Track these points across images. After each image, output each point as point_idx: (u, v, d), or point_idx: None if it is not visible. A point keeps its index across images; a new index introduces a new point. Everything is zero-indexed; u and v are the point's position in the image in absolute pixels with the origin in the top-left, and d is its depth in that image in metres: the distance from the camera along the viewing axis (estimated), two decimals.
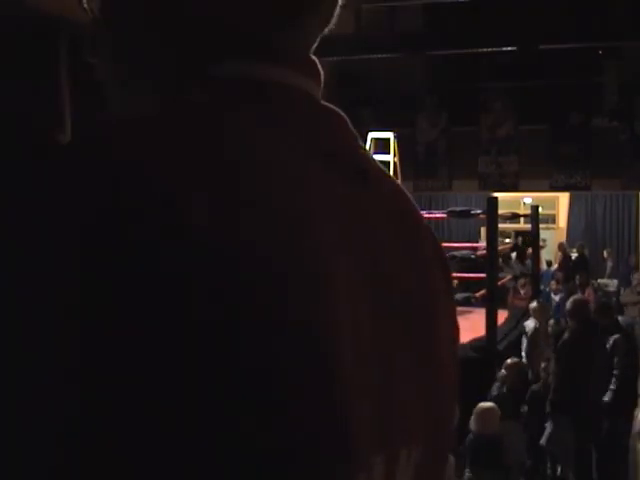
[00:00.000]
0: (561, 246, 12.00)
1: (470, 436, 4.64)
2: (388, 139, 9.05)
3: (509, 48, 8.92)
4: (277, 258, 0.41)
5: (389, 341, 0.50)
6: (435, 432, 0.56)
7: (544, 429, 5.42)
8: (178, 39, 0.49)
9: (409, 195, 0.60)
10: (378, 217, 0.53)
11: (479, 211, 7.58)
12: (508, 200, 11.20)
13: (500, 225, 7.23)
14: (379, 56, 8.87)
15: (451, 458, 0.68)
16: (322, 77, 0.53)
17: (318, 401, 0.42)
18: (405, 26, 9.01)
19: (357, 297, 0.47)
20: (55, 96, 5.30)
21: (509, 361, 5.56)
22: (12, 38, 4.74)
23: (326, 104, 0.52)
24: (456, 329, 0.62)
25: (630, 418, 5.50)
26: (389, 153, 8.93)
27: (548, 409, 5.32)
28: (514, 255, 9.98)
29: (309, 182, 0.46)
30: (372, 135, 8.71)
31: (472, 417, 4.65)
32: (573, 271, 10.99)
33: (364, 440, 0.45)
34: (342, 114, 0.53)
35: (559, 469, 5.54)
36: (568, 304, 5.75)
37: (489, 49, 8.95)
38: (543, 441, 5.32)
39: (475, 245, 9.66)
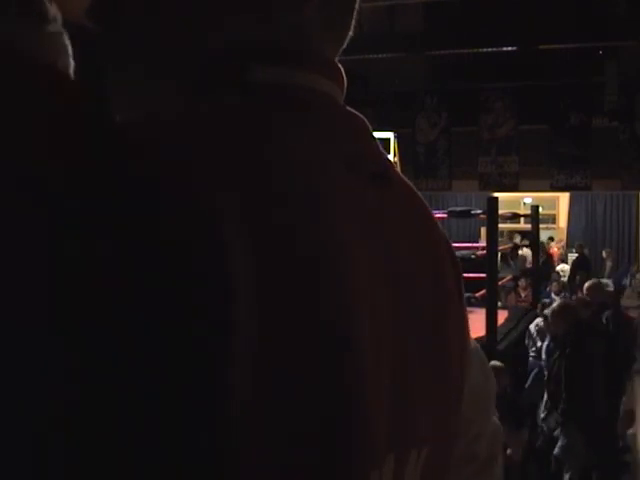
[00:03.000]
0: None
1: None
2: (388, 139, 9.05)
3: (509, 48, 8.91)
4: (303, 259, 0.42)
5: (404, 341, 0.51)
6: (442, 433, 0.57)
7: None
8: (202, 42, 0.49)
9: (423, 197, 0.61)
10: (397, 218, 0.54)
11: (479, 211, 7.57)
12: (508, 200, 11.19)
13: (500, 225, 7.22)
14: (379, 56, 8.86)
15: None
16: (345, 80, 0.54)
17: (339, 398, 0.42)
18: (405, 26, 9.00)
19: (376, 295, 0.48)
20: None
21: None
22: None
23: (349, 108, 0.53)
24: (466, 330, 0.62)
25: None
26: (389, 153, 8.93)
27: (560, 419, 5.28)
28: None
29: (334, 183, 0.47)
30: None
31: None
32: (574, 271, 10.99)
33: (379, 438, 0.46)
34: (363, 117, 0.54)
35: (567, 476, 5.46)
36: (554, 308, 5.65)
37: (489, 49, 8.94)
38: (557, 452, 5.28)
39: (475, 245, 9.65)
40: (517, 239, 10.73)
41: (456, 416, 0.60)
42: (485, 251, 6.67)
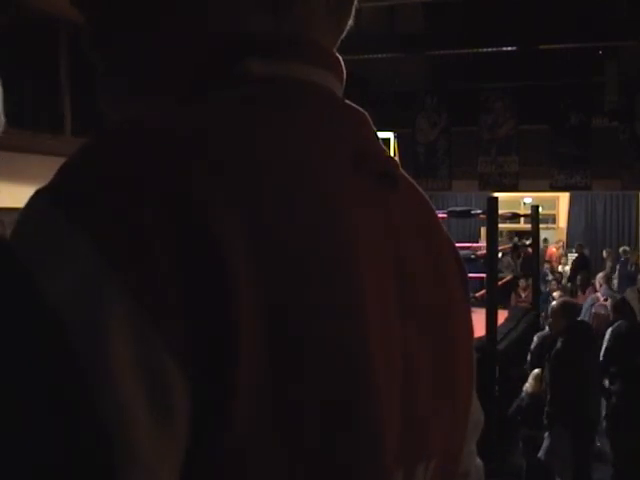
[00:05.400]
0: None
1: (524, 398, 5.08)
2: (388, 139, 9.04)
3: (509, 48, 8.91)
4: (310, 265, 0.41)
5: (413, 346, 0.50)
6: (449, 445, 0.56)
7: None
8: (196, 39, 0.48)
9: (427, 196, 0.60)
10: (404, 218, 0.52)
11: (479, 211, 7.56)
12: (508, 200, 11.19)
13: (500, 225, 7.21)
14: (379, 56, 8.86)
15: (479, 461, 0.67)
16: (344, 74, 0.52)
17: (355, 416, 0.41)
18: (405, 26, 9.00)
19: (386, 300, 0.46)
20: (55, 96, 5.29)
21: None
22: (12, 38, 4.73)
23: (349, 103, 0.51)
24: (471, 334, 0.61)
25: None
26: None
27: (545, 421, 5.21)
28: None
29: (340, 182, 0.45)
30: None
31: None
32: (574, 271, 10.98)
33: (389, 455, 0.45)
34: (365, 113, 0.52)
35: None
36: (555, 306, 5.56)
37: (489, 49, 8.94)
38: (541, 454, 5.23)
39: (475, 245, 9.65)
40: (515, 239, 10.70)
41: (464, 425, 0.58)
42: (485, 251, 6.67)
